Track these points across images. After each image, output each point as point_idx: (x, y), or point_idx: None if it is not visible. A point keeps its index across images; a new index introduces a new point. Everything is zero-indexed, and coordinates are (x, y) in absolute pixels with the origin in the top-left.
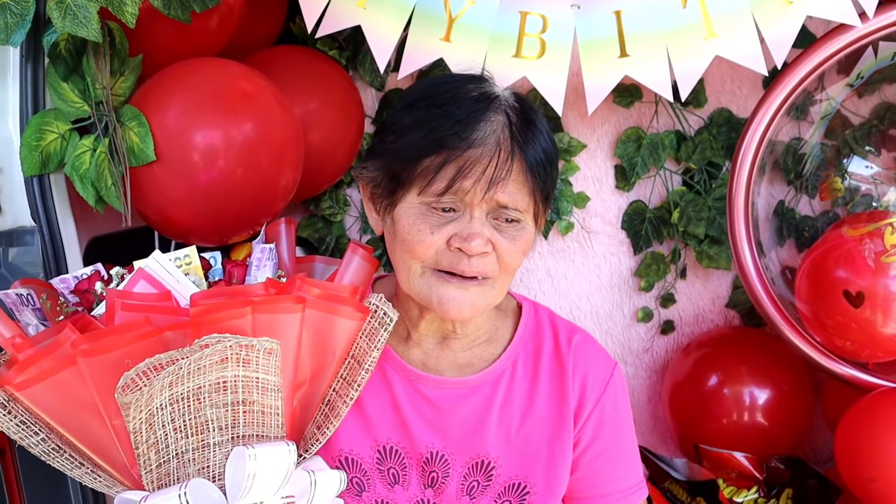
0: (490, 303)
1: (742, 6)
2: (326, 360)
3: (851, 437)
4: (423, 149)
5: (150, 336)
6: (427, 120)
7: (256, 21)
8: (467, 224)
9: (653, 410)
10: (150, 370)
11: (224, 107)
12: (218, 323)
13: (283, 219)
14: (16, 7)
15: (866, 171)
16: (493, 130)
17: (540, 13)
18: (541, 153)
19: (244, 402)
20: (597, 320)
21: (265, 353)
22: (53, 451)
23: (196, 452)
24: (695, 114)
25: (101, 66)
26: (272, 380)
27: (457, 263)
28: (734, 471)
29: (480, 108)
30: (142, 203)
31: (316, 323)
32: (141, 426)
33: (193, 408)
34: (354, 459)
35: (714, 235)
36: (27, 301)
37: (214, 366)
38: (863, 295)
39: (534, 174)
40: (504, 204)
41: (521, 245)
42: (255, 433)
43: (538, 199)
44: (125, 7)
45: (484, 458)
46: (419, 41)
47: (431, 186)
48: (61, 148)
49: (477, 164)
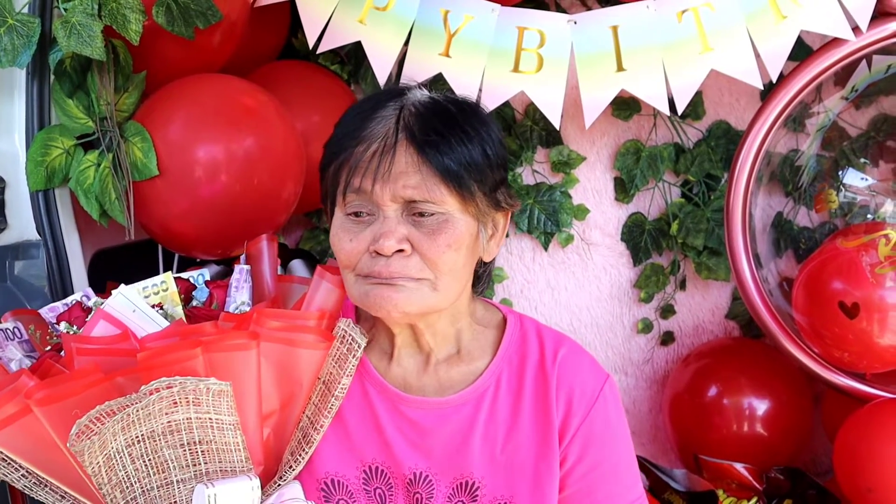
0: (433, 304)
1: (737, 20)
2: (294, 390)
3: (849, 448)
4: (328, 158)
5: (101, 382)
6: (338, 131)
7: (259, 37)
8: (380, 225)
9: (653, 421)
10: (102, 416)
11: (226, 122)
12: (168, 366)
13: (265, 235)
14: (22, 29)
15: (862, 182)
16: (383, 125)
17: (537, 28)
18: (450, 144)
19: (201, 442)
20: (597, 331)
21: (215, 394)
22: (36, 486)
23: (161, 489)
24: (693, 126)
25: (105, 82)
26: (227, 419)
27: (374, 266)
28: (734, 481)
29: (375, 106)
30: (145, 217)
31: (277, 355)
32: (100, 469)
33: (150, 448)
34: (340, 481)
35: (713, 247)
36: (12, 335)
37: (165, 409)
38: (858, 306)
39: (439, 166)
40: (411, 198)
41: (446, 239)
42: (218, 468)
43: (458, 192)
44: (129, 25)
45: (468, 478)
46: (419, 56)
47: (337, 192)
48: (66, 163)
49: (364, 160)
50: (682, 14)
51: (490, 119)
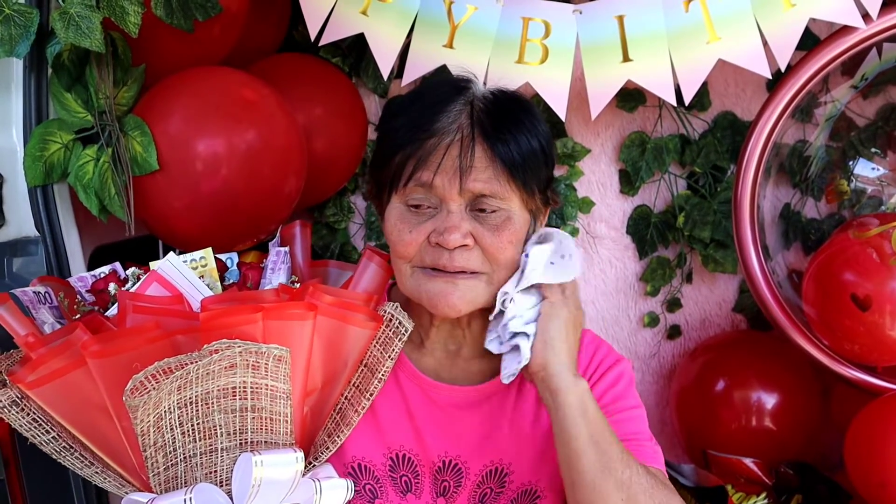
0: (487, 298)
1: (744, 9)
2: (338, 368)
3: (861, 442)
4: (392, 148)
5: (159, 339)
6: (401, 121)
7: (260, 29)
8: (444, 218)
9: (660, 416)
10: (158, 374)
11: (226, 115)
12: (228, 328)
13: (299, 221)
14: (19, 19)
15: (872, 173)
16: (453, 119)
17: (542, 19)
18: (517, 140)
19: (253, 409)
20: (603, 325)
21: (275, 359)
22: (64, 450)
23: (204, 457)
24: (699, 117)
25: (104, 76)
26: (281, 387)
27: (438, 259)
28: (743, 476)
29: (444, 100)
30: (145, 212)
31: (328, 330)
32: (149, 429)
33: (202, 412)
34: (367, 466)
35: (720, 239)
36: (44, 299)
37: (223, 371)
38: (870, 298)
39: (509, 161)
40: (479, 192)
41: (508, 236)
42: (263, 439)
43: (522, 188)
44: (128, 17)
45: (498, 464)
46: (422, 48)
47: (399, 183)
48: (65, 158)
49: (436, 154)
50: (689, 3)
51: (541, 115)
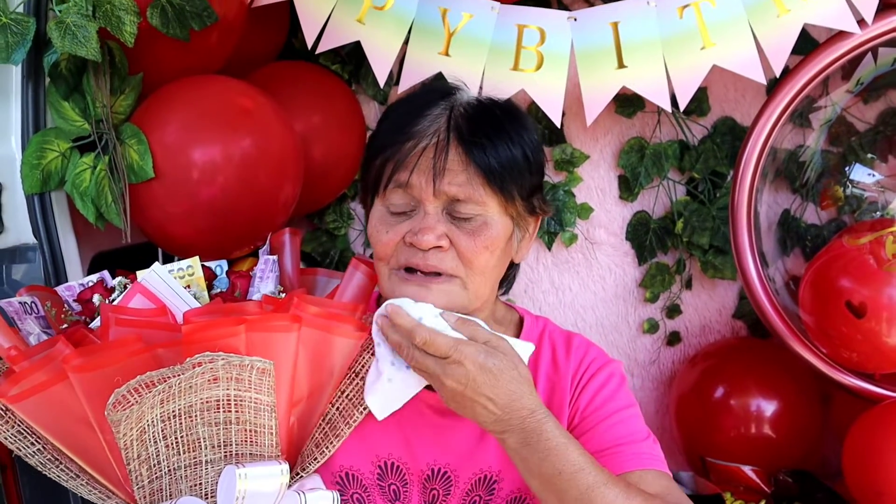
0: (463, 303)
1: (739, 15)
2: (324, 379)
3: (859, 450)
4: (375, 152)
5: (141, 353)
6: (385, 126)
7: (258, 37)
8: (420, 219)
9: (659, 423)
10: (141, 387)
11: (223, 123)
12: (210, 341)
13: (288, 229)
14: (16, 27)
15: (869, 178)
16: (431, 123)
17: (537, 26)
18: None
19: (237, 421)
20: (602, 332)
21: (258, 372)
22: (49, 462)
23: (188, 469)
24: (698, 123)
25: (101, 84)
26: (266, 399)
27: (411, 258)
28: (742, 484)
29: (426, 105)
30: (142, 219)
31: (313, 341)
32: (132, 443)
33: (185, 425)
34: (355, 475)
35: (719, 245)
36: (30, 309)
37: (206, 384)
38: (866, 305)
39: (484, 166)
40: (454, 196)
41: (484, 241)
42: (248, 452)
43: (500, 193)
44: (124, 27)
45: (487, 472)
46: (418, 55)
47: (380, 186)
48: (62, 166)
49: (412, 156)
50: (683, 10)
51: (531, 124)
